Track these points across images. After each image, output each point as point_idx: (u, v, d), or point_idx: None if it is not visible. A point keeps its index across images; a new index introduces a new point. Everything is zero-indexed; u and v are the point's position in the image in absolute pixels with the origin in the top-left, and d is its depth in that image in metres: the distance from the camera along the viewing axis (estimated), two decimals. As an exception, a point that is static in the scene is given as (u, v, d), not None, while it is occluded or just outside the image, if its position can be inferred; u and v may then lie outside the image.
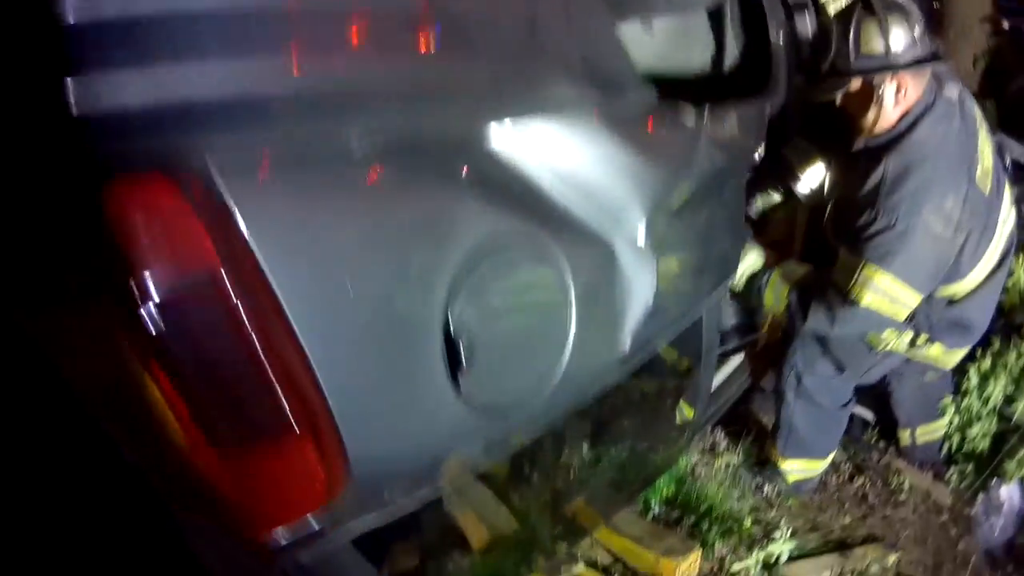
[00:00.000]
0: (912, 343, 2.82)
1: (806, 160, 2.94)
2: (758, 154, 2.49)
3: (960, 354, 2.95)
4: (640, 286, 1.76)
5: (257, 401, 1.16)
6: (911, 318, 2.67)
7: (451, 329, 1.37)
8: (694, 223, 2.03)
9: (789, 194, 3.00)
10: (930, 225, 2.44)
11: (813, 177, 2.96)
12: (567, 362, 1.61)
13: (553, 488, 2.42)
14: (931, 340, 2.81)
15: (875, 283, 2.48)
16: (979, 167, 2.58)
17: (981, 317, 2.84)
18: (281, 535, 1.30)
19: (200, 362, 1.10)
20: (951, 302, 2.74)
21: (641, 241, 1.74)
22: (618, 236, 1.70)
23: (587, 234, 1.64)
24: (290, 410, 1.17)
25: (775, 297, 2.75)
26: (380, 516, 1.49)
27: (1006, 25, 4.11)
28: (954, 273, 2.64)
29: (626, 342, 1.81)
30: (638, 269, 1.74)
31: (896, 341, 2.79)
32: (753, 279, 2.80)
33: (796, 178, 2.95)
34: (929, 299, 2.64)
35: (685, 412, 2.65)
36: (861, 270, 2.49)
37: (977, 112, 2.72)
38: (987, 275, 2.73)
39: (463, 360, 1.39)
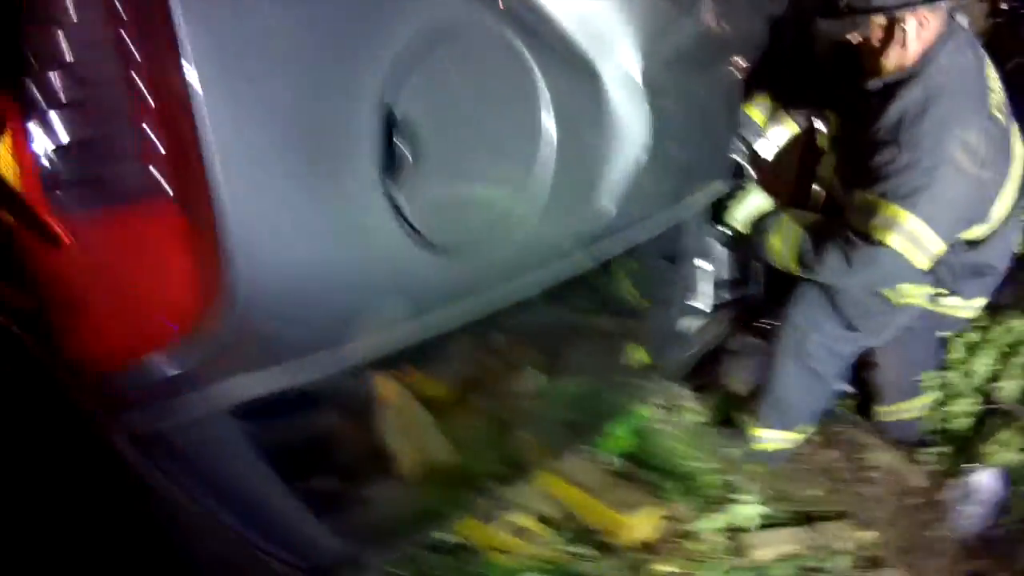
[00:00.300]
0: (932, 296, 2.62)
1: (774, 119, 2.78)
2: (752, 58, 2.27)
3: (979, 304, 2.75)
4: (630, 130, 1.51)
5: (120, 140, 0.88)
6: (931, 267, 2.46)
7: (391, 118, 1.09)
8: (689, 90, 1.80)
9: (753, 154, 2.82)
10: (957, 160, 2.26)
11: (778, 137, 2.80)
12: (542, 200, 1.34)
13: (497, 416, 2.18)
14: (951, 291, 2.62)
15: (899, 223, 2.27)
16: (992, 98, 2.42)
17: (1001, 261, 2.64)
18: (125, 376, 1.00)
19: (52, 73, 0.82)
20: (971, 245, 2.54)
21: (637, 77, 1.49)
22: (606, 63, 1.44)
23: (568, 49, 1.38)
24: (159, 167, 0.90)
25: (784, 242, 2.52)
26: (273, 378, 1.18)
27: (1005, 6, 3.97)
28: (978, 214, 2.45)
29: (611, 201, 1.55)
30: (628, 107, 1.49)
31: (916, 294, 2.59)
32: (759, 223, 2.59)
33: (759, 136, 2.78)
34: (951, 245, 2.44)
35: (644, 357, 2.42)
36: (884, 210, 2.28)
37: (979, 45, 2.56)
38: (1007, 214, 2.53)
39: (401, 156, 1.10)
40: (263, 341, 1.13)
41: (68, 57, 0.84)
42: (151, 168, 0.91)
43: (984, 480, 2.99)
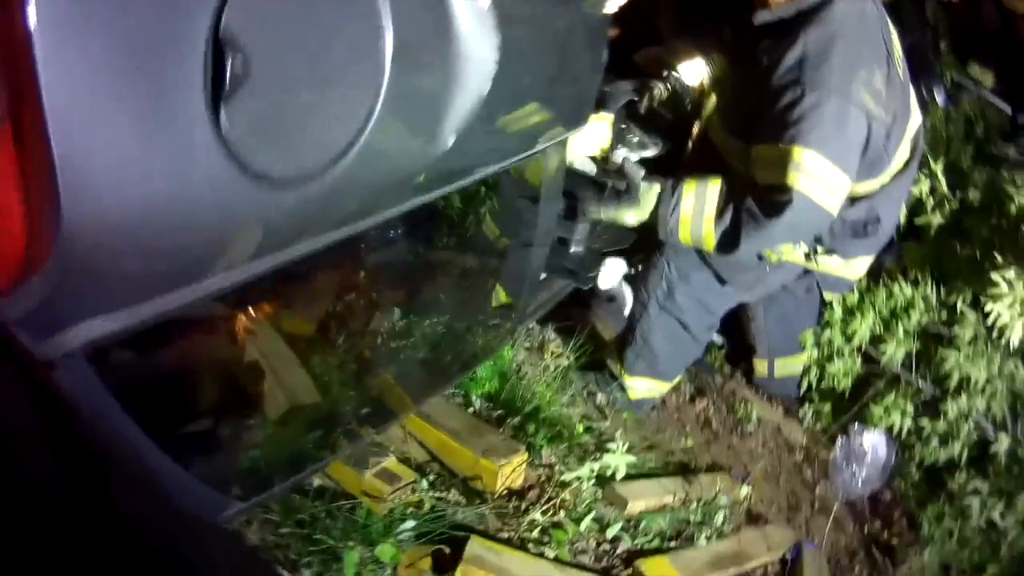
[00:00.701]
0: (808, 255, 2.57)
1: (680, 55, 2.71)
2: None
3: (860, 264, 2.71)
4: (475, 59, 1.46)
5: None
6: None
7: (219, 37, 1.05)
8: (549, 25, 1.77)
9: (673, 93, 2.73)
10: (864, 102, 2.21)
11: (694, 70, 2.71)
12: (373, 125, 1.30)
13: (360, 357, 2.18)
14: (830, 250, 2.57)
15: (809, 167, 2.17)
16: (894, 51, 2.40)
17: (889, 218, 2.60)
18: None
19: None
20: (854, 202, 2.46)
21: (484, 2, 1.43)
22: None
23: None
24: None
25: (694, 235, 2.40)
26: (115, 317, 1.13)
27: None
28: (877, 163, 2.40)
29: (449, 132, 1.50)
30: (476, 32, 1.44)
31: (793, 251, 2.54)
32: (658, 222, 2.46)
33: (673, 71, 2.70)
34: None
35: (502, 297, 2.38)
36: (793, 156, 2.17)
37: None
38: (897, 171, 2.51)
39: (227, 78, 1.06)
40: (101, 280, 1.10)
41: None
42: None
43: (872, 442, 3.01)
